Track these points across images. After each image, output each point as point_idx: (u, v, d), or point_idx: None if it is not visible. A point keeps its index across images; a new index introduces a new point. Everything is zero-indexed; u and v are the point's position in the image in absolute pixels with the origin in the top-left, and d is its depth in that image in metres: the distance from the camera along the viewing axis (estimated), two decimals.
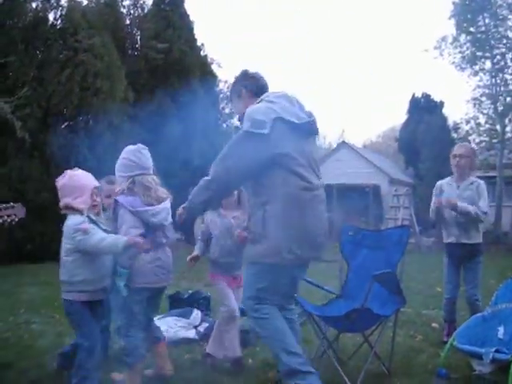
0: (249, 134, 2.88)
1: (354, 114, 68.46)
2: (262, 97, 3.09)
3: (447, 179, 4.51)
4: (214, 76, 16.85)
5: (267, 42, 74.59)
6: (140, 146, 3.33)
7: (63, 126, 10.76)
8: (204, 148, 14.56)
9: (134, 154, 3.26)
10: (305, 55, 71.87)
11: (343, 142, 26.48)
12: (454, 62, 18.09)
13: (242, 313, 4.67)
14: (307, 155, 3.00)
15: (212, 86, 16.58)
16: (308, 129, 3.08)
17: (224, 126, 17.57)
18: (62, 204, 3.01)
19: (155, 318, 4.39)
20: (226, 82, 18.49)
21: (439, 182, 4.56)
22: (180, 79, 13.96)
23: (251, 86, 3.23)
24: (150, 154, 3.37)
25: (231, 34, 68.56)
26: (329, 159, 24.00)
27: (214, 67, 16.82)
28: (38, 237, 9.79)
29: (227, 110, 18.39)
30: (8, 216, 2.93)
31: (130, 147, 3.31)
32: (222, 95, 18.14)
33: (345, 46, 76.50)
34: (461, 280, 4.42)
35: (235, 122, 18.22)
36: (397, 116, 69.60)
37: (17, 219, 2.99)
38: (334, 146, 27.63)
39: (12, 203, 3.10)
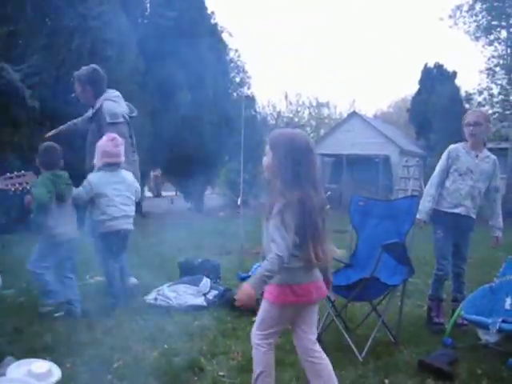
0: None
1: (365, 83, 67.65)
2: None
3: (461, 144, 4.21)
4: (224, 45, 16.68)
5: (276, 10, 73.52)
6: None
7: (73, 95, 10.71)
8: (215, 117, 14.53)
9: None
10: (314, 24, 70.84)
11: (354, 111, 26.32)
12: (468, 32, 17.81)
13: None
14: None
15: (222, 54, 16.43)
16: None
17: (234, 94, 17.46)
18: None
19: (165, 286, 4.48)
20: (236, 50, 18.33)
21: (453, 146, 4.23)
22: (190, 47, 13.83)
23: None
24: None
25: (241, 2, 67.58)
26: (339, 129, 23.90)
27: (224, 36, 16.65)
28: None
29: (238, 79, 18.26)
30: (20, 184, 2.97)
31: None
32: (232, 64, 17.98)
33: (356, 14, 75.27)
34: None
35: (246, 91, 18.14)
36: (408, 86, 68.78)
37: (28, 187, 3.03)
38: (345, 115, 27.45)
39: (23, 171, 3.14)
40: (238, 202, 7.98)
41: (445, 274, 4.13)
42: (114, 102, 4.77)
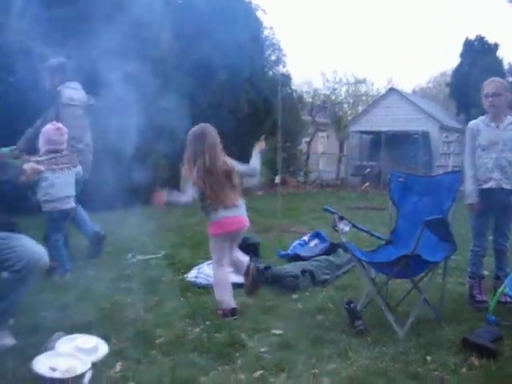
0: None
1: (403, 59, 66.30)
2: None
3: (480, 119, 4.06)
4: (259, 23, 16.54)
5: None
6: None
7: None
8: (251, 96, 14.47)
9: None
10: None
11: (392, 88, 25.81)
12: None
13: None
14: None
15: (257, 33, 16.30)
16: None
17: (270, 73, 17.33)
18: None
19: (205, 264, 4.55)
20: (271, 28, 18.15)
21: (473, 122, 4.09)
22: (225, 27, 13.78)
23: None
24: None
25: None
26: (377, 106, 23.55)
27: (259, 14, 16.49)
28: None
29: (273, 57, 18.11)
30: (63, 164, 3.03)
31: None
32: (267, 42, 17.82)
33: None
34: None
35: (281, 69, 17.98)
36: (448, 60, 66.93)
37: (71, 167, 3.09)
38: (383, 92, 26.99)
39: (65, 152, 3.21)
40: (276, 181, 7.99)
41: (481, 251, 4.03)
42: (72, 89, 5.46)
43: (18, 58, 7.90)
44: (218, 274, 3.74)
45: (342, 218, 3.73)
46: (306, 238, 5.79)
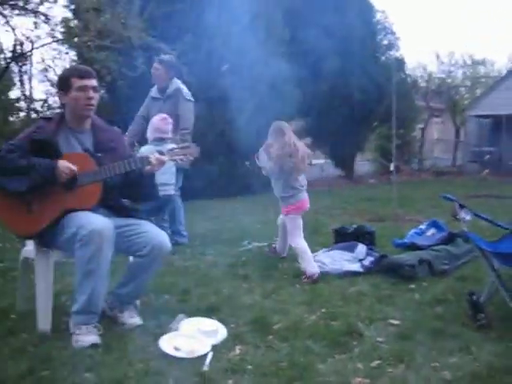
0: None
1: None
2: None
3: None
4: (370, 7, 16.17)
5: None
6: None
7: (224, 69, 11.10)
8: (363, 82, 14.20)
9: None
10: None
11: None
12: None
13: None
14: None
15: (369, 17, 15.94)
16: None
17: (382, 58, 16.90)
18: None
19: (321, 252, 4.56)
20: (383, 11, 17.67)
21: None
22: (336, 13, 13.60)
23: None
24: None
25: None
26: (497, 88, 22.16)
27: None
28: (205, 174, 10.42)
29: (385, 42, 17.64)
30: (184, 155, 3.14)
31: None
32: (379, 26, 17.38)
33: None
34: None
35: (394, 53, 17.47)
36: None
37: (191, 158, 3.20)
38: (504, 73, 25.35)
39: (187, 143, 3.32)
40: (391, 168, 7.81)
41: None
42: (184, 85, 5.82)
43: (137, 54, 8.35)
44: (302, 244, 4.37)
45: (462, 207, 3.56)
46: (422, 226, 5.61)
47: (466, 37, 57.04)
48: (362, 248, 4.51)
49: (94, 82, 3.09)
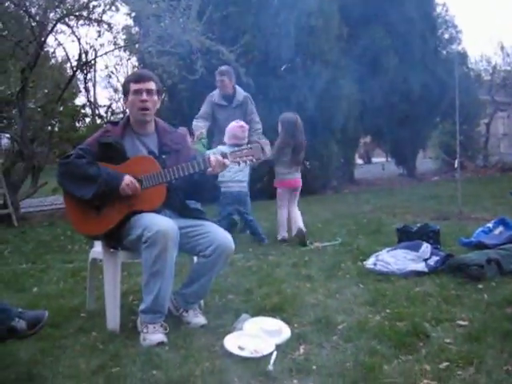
0: None
1: None
2: None
3: None
4: (430, 0, 15.80)
5: None
6: None
7: (282, 68, 11.12)
8: (424, 78, 13.90)
9: None
10: None
11: None
12: None
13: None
14: None
15: (429, 11, 15.59)
16: None
17: (444, 52, 16.47)
18: None
19: (384, 251, 4.49)
20: (443, 5, 17.23)
21: None
22: (394, 8, 13.36)
23: None
24: None
25: None
26: None
27: None
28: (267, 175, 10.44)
29: (446, 36, 17.18)
30: (246, 156, 3.15)
31: None
32: (440, 20, 16.95)
33: None
34: None
35: (456, 47, 16.99)
36: None
37: (254, 160, 3.20)
38: None
39: (250, 145, 3.31)
40: (455, 165, 7.60)
41: None
42: None
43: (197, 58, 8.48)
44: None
45: None
46: (489, 224, 5.42)
47: None
48: (426, 247, 4.41)
49: (149, 86, 3.16)
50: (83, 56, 9.93)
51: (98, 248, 3.42)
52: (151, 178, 3.05)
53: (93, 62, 10.86)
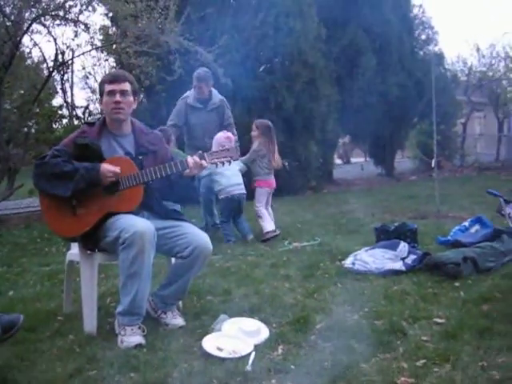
0: None
1: None
2: None
3: None
4: (407, 1, 15.96)
5: None
6: None
7: (261, 69, 11.11)
8: (401, 78, 14.04)
9: None
10: None
11: None
12: None
13: None
14: None
15: (406, 12, 15.75)
16: None
17: (421, 53, 16.64)
18: None
19: (362, 251, 4.51)
20: (420, 6, 17.42)
21: None
22: (372, 9, 13.46)
23: None
24: None
25: None
26: None
27: None
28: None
29: (423, 37, 17.36)
30: (224, 157, 3.16)
31: None
32: (417, 21, 17.12)
33: None
34: None
35: (433, 48, 17.18)
36: None
37: (232, 161, 3.21)
38: None
39: (226, 146, 3.34)
40: (433, 165, 7.67)
41: None
42: None
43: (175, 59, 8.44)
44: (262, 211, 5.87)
45: (507, 202, 3.49)
46: (466, 223, 5.48)
47: (507, 28, 55.57)
48: (404, 246, 4.44)
49: (124, 86, 3.13)
50: (60, 56, 9.79)
51: (74, 250, 3.38)
52: (128, 179, 3.03)
53: (70, 62, 10.73)
